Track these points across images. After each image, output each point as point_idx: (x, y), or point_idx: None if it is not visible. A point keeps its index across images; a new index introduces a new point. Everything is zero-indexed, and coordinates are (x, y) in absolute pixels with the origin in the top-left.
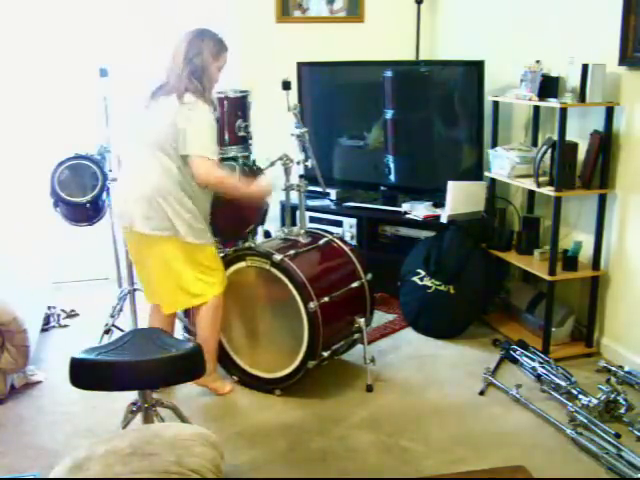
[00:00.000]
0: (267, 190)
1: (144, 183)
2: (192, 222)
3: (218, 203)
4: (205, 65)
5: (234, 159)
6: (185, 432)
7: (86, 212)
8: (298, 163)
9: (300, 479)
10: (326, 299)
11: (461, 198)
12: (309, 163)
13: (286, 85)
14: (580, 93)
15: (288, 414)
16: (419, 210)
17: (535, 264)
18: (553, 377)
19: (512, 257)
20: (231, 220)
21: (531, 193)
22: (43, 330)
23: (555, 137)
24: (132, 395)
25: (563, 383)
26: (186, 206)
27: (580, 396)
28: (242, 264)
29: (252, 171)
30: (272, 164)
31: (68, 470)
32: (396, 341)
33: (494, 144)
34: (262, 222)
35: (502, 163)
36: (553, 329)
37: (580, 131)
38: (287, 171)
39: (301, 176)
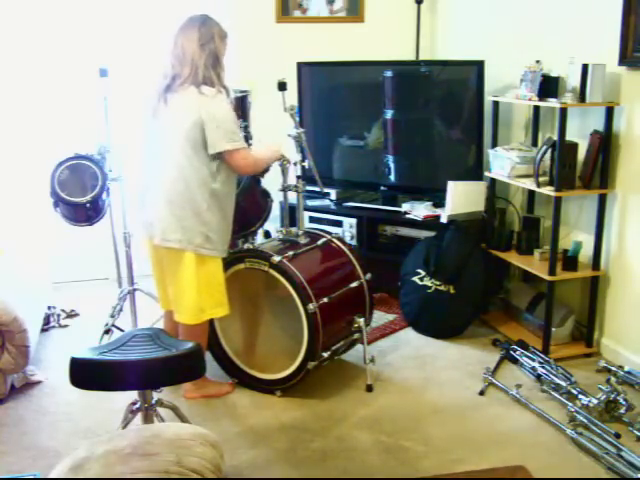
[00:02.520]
0: (277, 148)
1: (167, 189)
2: (209, 234)
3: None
4: (217, 50)
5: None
6: (185, 432)
7: (86, 212)
8: (295, 164)
9: (300, 479)
10: (325, 300)
11: (461, 198)
12: (306, 164)
13: (282, 86)
14: (580, 93)
15: (288, 414)
16: (419, 210)
17: (535, 264)
18: (553, 377)
19: (512, 257)
20: (236, 221)
21: (531, 193)
22: (43, 330)
23: (555, 137)
24: (132, 395)
25: (563, 383)
26: (203, 217)
27: (580, 396)
28: (241, 266)
29: None
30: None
31: (68, 470)
32: (396, 341)
33: (494, 144)
34: (263, 224)
35: (502, 163)
36: (553, 329)
37: (580, 131)
38: (284, 172)
39: (298, 177)
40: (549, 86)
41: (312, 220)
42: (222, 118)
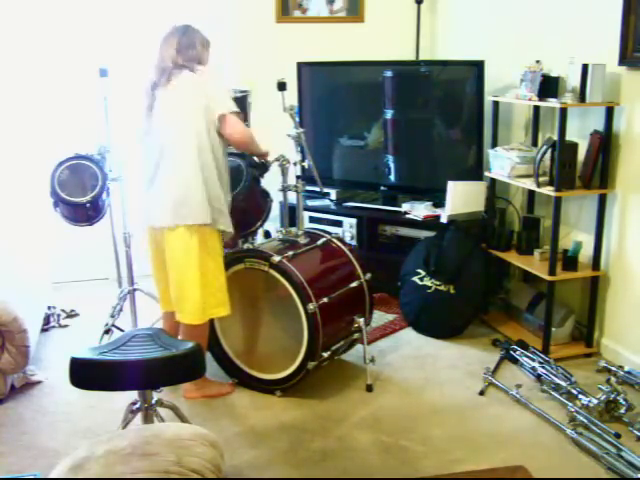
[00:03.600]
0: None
1: (173, 174)
2: (222, 208)
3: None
4: (200, 57)
5: (242, 156)
6: (185, 432)
7: (86, 212)
8: (295, 164)
9: (300, 479)
10: (325, 300)
11: (461, 198)
12: (306, 164)
13: (281, 86)
14: (580, 93)
15: (288, 414)
16: (419, 210)
17: (535, 264)
18: (553, 377)
19: (512, 257)
20: (236, 220)
21: (531, 193)
22: (43, 330)
23: (555, 137)
24: (132, 395)
25: (563, 383)
26: (215, 192)
27: (580, 396)
28: (240, 266)
29: (259, 166)
30: (276, 159)
31: (68, 470)
32: (396, 341)
33: (494, 144)
34: (263, 224)
35: (502, 163)
36: (553, 329)
37: (580, 131)
38: (284, 172)
39: (298, 177)
40: (549, 86)
41: (312, 220)
42: (216, 87)
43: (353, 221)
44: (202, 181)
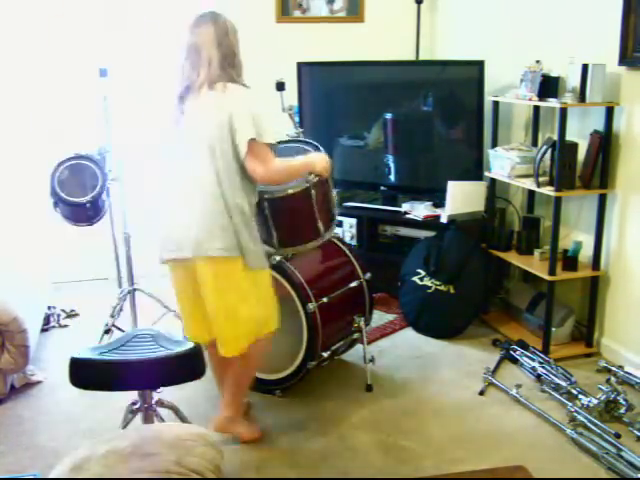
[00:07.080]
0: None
1: (204, 198)
2: (252, 244)
3: (275, 212)
4: (233, 46)
5: None
6: (185, 432)
7: (86, 212)
8: None
9: (300, 479)
10: (325, 300)
11: (461, 198)
12: None
13: (280, 86)
14: (580, 93)
15: (288, 414)
16: (419, 210)
17: (535, 264)
18: (553, 377)
19: (512, 257)
20: (289, 228)
21: (531, 193)
22: (43, 330)
23: (555, 137)
24: (132, 395)
25: (563, 383)
26: (248, 224)
27: (580, 396)
28: None
29: None
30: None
31: (68, 470)
32: (396, 341)
33: (494, 144)
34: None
35: (502, 163)
36: (553, 329)
37: (580, 131)
38: None
39: None
40: (549, 86)
41: None
42: (241, 112)
43: (353, 221)
44: (221, 212)
